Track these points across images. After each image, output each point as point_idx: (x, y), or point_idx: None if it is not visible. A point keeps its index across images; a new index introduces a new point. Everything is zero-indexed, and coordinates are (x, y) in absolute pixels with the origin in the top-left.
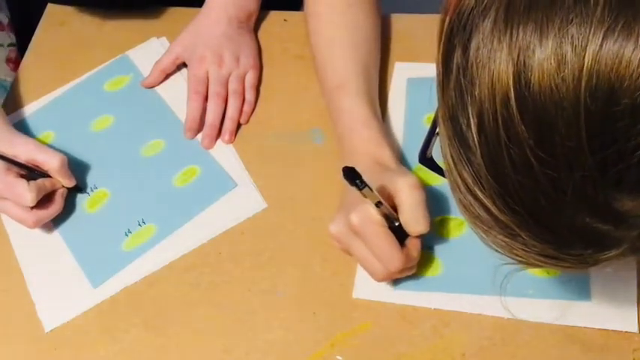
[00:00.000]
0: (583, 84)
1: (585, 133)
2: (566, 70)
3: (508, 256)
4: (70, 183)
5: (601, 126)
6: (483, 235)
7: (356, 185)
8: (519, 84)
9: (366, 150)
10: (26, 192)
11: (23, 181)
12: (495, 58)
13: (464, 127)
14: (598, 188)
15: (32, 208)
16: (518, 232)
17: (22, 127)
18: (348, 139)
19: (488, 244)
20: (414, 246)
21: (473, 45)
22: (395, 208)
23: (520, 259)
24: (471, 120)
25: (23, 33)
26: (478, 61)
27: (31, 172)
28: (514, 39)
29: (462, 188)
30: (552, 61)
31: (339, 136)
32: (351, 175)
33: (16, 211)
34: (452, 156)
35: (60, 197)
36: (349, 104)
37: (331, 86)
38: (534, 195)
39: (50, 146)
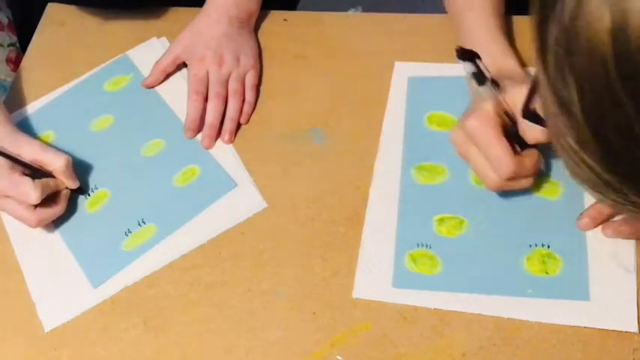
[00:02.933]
0: None
1: None
2: None
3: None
4: (74, 184)
5: None
6: (593, 195)
7: (472, 61)
8: (617, 40)
9: (492, 63)
10: (31, 190)
11: (28, 180)
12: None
13: (565, 95)
14: None
15: (35, 207)
16: (626, 191)
17: (22, 127)
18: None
19: (599, 202)
20: (529, 155)
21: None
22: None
23: (633, 212)
24: (572, 88)
25: (23, 33)
26: (574, 20)
27: (35, 172)
28: None
29: (567, 150)
30: None
31: None
32: (467, 55)
33: (18, 209)
34: (555, 120)
35: (63, 198)
36: (477, 25)
37: (458, 8)
38: (636, 157)
39: (50, 146)
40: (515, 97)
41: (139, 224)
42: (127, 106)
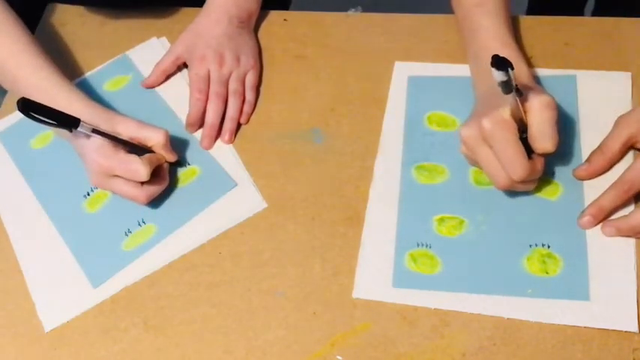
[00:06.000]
0: None
1: None
2: None
3: None
4: (173, 158)
5: None
6: None
7: (506, 71)
8: None
9: None
10: (141, 167)
11: (136, 157)
12: None
13: None
14: None
15: (142, 184)
16: None
17: (22, 127)
18: (485, 58)
19: None
20: (538, 161)
21: None
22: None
23: None
24: None
25: None
26: None
27: (133, 149)
28: None
29: None
30: None
31: (474, 54)
32: (502, 64)
33: (127, 188)
34: None
35: (165, 172)
36: (488, 23)
37: (470, 4)
38: None
39: (50, 146)
40: (533, 105)
41: (139, 224)
42: (127, 106)
